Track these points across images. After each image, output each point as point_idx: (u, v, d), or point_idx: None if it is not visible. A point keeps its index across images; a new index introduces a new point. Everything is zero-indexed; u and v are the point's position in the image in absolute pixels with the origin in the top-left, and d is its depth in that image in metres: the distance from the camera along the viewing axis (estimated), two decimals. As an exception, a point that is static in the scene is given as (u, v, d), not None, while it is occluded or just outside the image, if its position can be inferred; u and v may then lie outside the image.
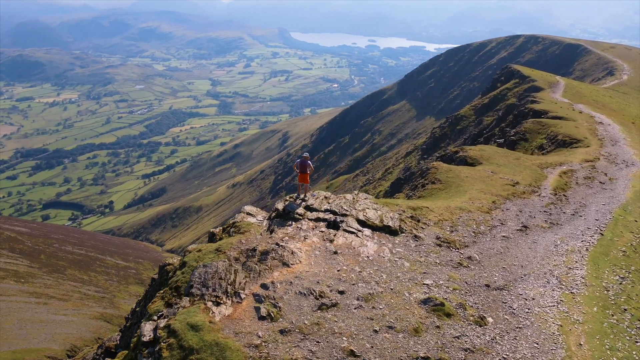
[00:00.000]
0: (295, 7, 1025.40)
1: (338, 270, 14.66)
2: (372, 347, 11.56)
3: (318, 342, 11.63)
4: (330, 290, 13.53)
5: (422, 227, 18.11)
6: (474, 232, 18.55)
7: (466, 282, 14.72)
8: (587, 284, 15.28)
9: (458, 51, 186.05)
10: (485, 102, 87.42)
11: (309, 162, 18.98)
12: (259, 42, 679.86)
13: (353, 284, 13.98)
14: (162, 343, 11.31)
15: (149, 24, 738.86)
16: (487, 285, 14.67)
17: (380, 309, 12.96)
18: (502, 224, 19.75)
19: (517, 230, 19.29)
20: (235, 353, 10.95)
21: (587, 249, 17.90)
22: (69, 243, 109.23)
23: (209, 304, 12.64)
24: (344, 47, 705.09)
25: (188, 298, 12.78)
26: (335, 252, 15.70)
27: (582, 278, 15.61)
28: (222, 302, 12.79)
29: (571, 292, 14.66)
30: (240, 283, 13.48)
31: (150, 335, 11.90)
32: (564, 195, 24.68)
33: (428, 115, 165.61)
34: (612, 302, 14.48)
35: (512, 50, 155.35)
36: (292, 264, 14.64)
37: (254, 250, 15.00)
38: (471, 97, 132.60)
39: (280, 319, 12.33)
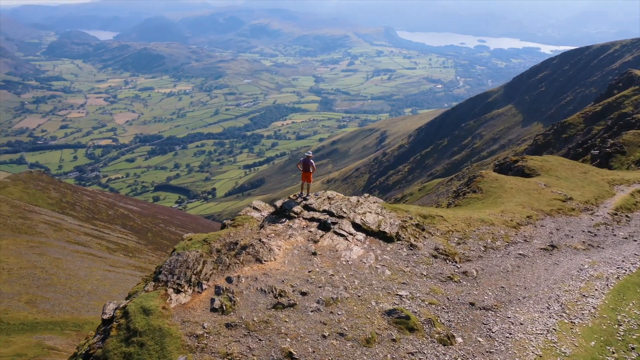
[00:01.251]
0: (402, 5, 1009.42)
1: (309, 272, 14.46)
2: (313, 351, 11.34)
3: (260, 340, 11.60)
4: (293, 291, 13.42)
5: (425, 237, 17.28)
6: (485, 246, 17.37)
7: (448, 298, 13.93)
8: (596, 314, 13.78)
9: (575, 53, 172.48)
10: (597, 110, 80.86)
11: (311, 161, 19.07)
12: (364, 40, 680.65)
13: (319, 287, 13.73)
14: (114, 322, 12.03)
15: (260, 21, 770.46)
16: (472, 304, 13.76)
17: (339, 314, 12.62)
18: (525, 240, 18.31)
19: (541, 249, 17.77)
20: (174, 340, 11.31)
21: (618, 277, 16.05)
22: (172, 224, 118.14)
23: (170, 290, 13.11)
24: (451, 46, 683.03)
25: (154, 283, 13.41)
26: (314, 253, 15.51)
27: (593, 308, 14.08)
28: (182, 290, 13.20)
29: (571, 322, 13.32)
30: (206, 274, 13.79)
31: (110, 314, 12.72)
32: (627, 216, 22.28)
33: (535, 121, 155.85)
34: (620, 338, 12.93)
35: (638, 54, 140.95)
36: (265, 261, 14.68)
37: (236, 243, 15.23)
38: (585, 103, 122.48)
39: (232, 313, 12.46)
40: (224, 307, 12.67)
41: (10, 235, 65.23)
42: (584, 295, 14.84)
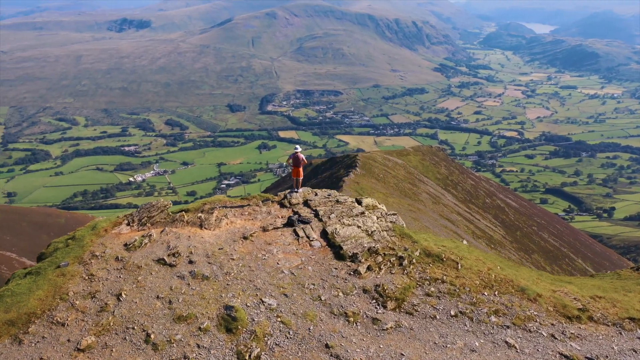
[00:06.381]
0: None
1: (220, 249, 15.41)
2: (136, 302, 12.89)
3: (120, 276, 13.81)
4: (186, 256, 14.80)
5: (392, 272, 14.77)
6: (461, 312, 13.34)
7: (309, 328, 12.42)
8: None
9: None
10: None
11: (301, 155, 20.36)
12: None
13: (209, 263, 14.59)
14: (80, 229, 16.50)
15: None
16: (328, 346, 11.97)
17: (192, 289, 13.45)
18: (552, 336, 12.71)
19: (561, 354, 12.00)
20: (80, 250, 14.67)
21: None
22: (547, 231, 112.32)
23: (125, 221, 16.49)
24: None
25: (129, 213, 17.35)
26: (245, 238, 16.14)
27: None
28: (131, 224, 16.40)
29: None
30: (155, 220, 16.59)
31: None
32: None
33: None
34: None
35: None
36: (204, 228, 16.42)
37: (213, 209, 17.60)
38: None
39: (132, 251, 14.90)
40: (133, 245, 15.23)
41: (398, 195, 75.87)
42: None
